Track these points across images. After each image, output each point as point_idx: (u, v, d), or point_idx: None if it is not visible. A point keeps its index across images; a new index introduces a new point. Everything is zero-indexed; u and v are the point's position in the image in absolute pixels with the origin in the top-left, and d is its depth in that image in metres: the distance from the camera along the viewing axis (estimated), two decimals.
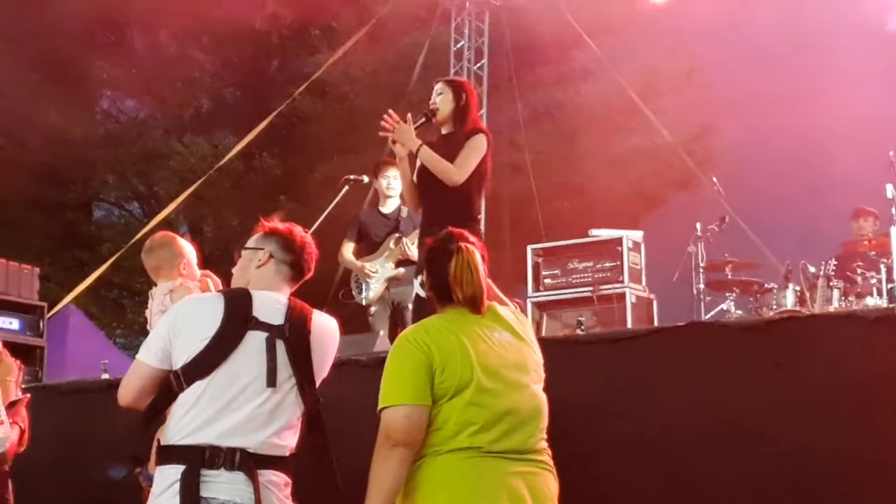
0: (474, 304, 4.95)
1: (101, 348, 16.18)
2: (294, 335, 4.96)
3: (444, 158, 7.66)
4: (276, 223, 5.27)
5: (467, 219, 7.47)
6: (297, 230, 5.25)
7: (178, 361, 4.86)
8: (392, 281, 10.38)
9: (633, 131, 20.84)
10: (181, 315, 4.96)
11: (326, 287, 12.42)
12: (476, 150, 7.69)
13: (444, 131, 7.93)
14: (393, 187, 10.49)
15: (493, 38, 18.78)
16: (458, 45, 18.70)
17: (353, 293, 10.64)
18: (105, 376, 9.69)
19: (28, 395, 6.18)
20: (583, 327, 9.69)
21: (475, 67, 18.63)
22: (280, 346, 4.91)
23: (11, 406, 6.04)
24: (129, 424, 5.25)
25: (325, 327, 5.11)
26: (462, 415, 4.71)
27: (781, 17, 18.63)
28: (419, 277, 7.25)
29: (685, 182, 20.21)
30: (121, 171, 24.06)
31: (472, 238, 5.11)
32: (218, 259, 15.57)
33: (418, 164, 7.81)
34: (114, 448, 7.38)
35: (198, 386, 4.81)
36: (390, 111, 7.83)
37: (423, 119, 7.88)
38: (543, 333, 11.76)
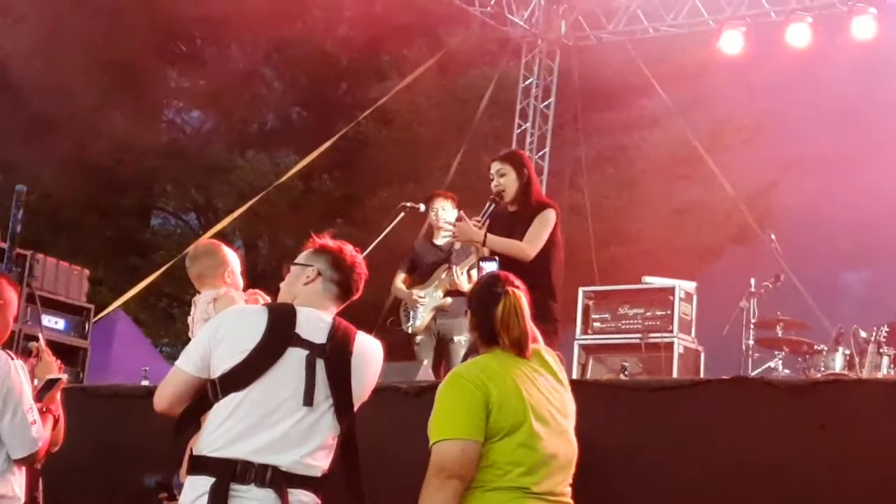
0: (520, 348, 4.97)
1: (146, 355, 16.21)
2: (335, 355, 4.88)
3: (514, 236, 7.78)
4: (327, 240, 5.21)
5: (548, 297, 7.61)
6: (348, 249, 5.18)
7: (216, 371, 4.82)
8: (439, 311, 10.33)
9: (695, 182, 20.73)
10: (223, 325, 4.92)
11: (376, 314, 12.42)
12: (546, 224, 7.81)
13: (511, 209, 8.02)
14: (442, 218, 10.45)
15: (562, 77, 18.73)
16: (527, 82, 18.66)
17: (401, 321, 10.61)
18: (144, 383, 9.69)
19: (64, 379, 6.03)
20: (627, 373, 9.59)
21: (542, 105, 18.59)
22: (320, 366, 4.84)
23: (47, 388, 5.91)
24: (164, 432, 5.24)
25: (368, 350, 5.03)
26: (512, 455, 4.75)
27: (854, 75, 18.46)
28: None
29: (743, 237, 20.06)
30: (181, 181, 24.19)
31: (518, 282, 5.13)
32: (270, 277, 15.59)
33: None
34: (148, 456, 7.43)
35: (233, 398, 4.77)
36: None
37: (492, 206, 7.99)
38: (588, 376, 11.70)
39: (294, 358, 4.82)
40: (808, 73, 18.51)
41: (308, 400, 4.79)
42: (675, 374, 11.25)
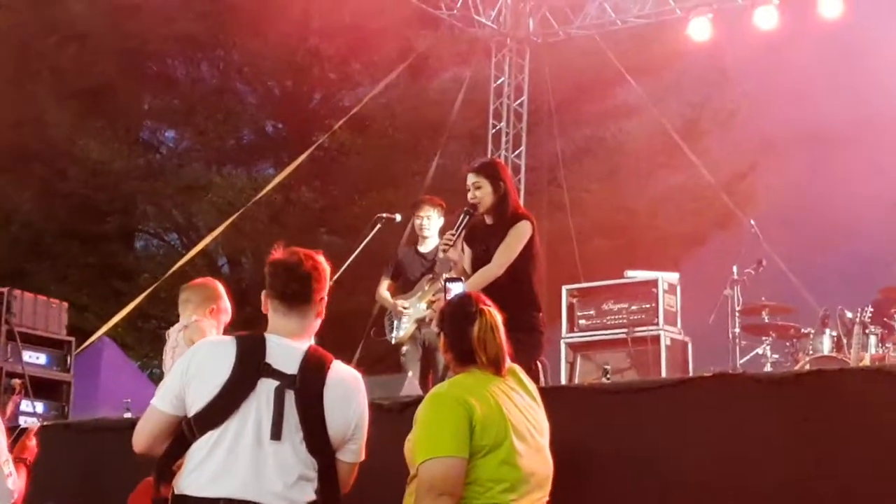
0: (497, 366, 5.04)
1: (135, 382, 16.14)
2: (305, 386, 4.72)
3: (490, 249, 7.75)
4: (277, 251, 4.96)
5: (531, 308, 7.66)
6: (294, 254, 4.91)
7: (192, 409, 4.72)
8: (422, 322, 10.26)
9: (674, 170, 20.72)
10: (195, 361, 4.79)
11: (364, 321, 12.36)
12: (519, 237, 7.75)
13: (488, 221, 7.97)
14: (426, 227, 10.41)
15: (534, 73, 18.65)
16: (499, 82, 18.58)
17: (385, 331, 10.56)
18: (127, 415, 9.59)
19: (35, 426, 5.93)
20: (608, 375, 9.56)
21: (515, 104, 18.52)
22: (289, 397, 4.69)
23: (16, 439, 5.84)
24: (149, 465, 5.18)
25: (342, 380, 4.83)
26: (495, 472, 4.82)
27: (826, 54, 18.45)
28: None
29: (726, 222, 20.03)
30: (160, 202, 24.02)
31: (489, 301, 5.19)
32: (255, 292, 15.53)
33: (470, 256, 7.98)
34: (133, 488, 7.36)
35: (210, 436, 4.67)
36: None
37: (466, 217, 7.93)
38: (577, 375, 11.69)
39: (266, 389, 4.69)
40: (779, 55, 18.53)
41: (275, 433, 4.65)
42: (663, 368, 11.25)
